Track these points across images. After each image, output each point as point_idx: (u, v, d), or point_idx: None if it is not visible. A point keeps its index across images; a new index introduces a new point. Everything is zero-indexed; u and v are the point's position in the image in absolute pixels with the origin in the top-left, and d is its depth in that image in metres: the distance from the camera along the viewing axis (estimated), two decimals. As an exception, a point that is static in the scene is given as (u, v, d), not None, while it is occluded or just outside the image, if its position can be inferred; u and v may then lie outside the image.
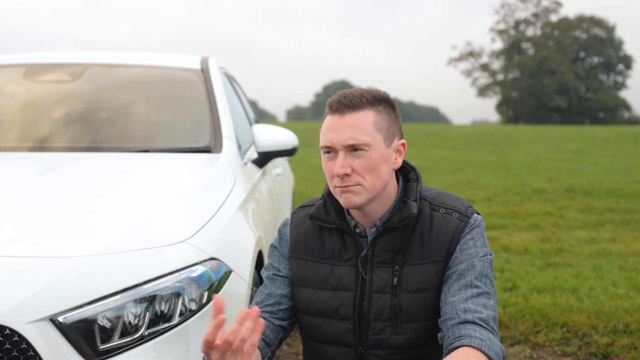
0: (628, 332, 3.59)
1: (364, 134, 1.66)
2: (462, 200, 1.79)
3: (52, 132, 2.96)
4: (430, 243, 1.72)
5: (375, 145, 1.67)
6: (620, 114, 65.21)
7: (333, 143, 1.68)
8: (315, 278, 1.79)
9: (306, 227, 1.85)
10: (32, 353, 1.60)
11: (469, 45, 69.27)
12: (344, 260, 1.78)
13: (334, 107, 1.69)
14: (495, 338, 1.61)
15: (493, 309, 1.66)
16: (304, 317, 1.83)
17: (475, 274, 1.68)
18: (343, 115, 1.67)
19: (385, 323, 1.72)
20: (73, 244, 1.79)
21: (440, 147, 21.82)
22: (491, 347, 1.56)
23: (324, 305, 1.77)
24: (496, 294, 1.71)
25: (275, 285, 1.85)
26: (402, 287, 1.72)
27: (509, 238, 6.28)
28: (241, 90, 4.31)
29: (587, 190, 9.90)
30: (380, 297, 1.73)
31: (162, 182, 2.33)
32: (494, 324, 1.64)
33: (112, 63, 3.40)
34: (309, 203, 1.91)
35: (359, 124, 1.66)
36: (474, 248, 1.71)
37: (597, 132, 29.74)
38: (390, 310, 1.72)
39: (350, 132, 1.66)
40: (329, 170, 1.71)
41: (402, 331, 1.72)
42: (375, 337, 1.73)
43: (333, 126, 1.68)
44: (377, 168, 1.68)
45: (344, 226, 1.78)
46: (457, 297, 1.66)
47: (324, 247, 1.81)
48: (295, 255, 1.84)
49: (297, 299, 1.83)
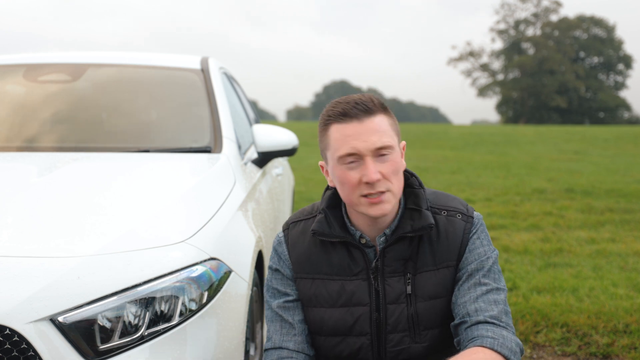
0: (628, 332, 3.59)
1: (389, 137, 1.64)
2: (457, 198, 1.79)
3: (52, 132, 2.96)
4: (441, 248, 1.71)
5: (395, 148, 1.66)
6: (620, 114, 65.17)
7: (359, 149, 1.62)
8: (326, 296, 1.74)
9: (307, 243, 1.78)
10: (32, 353, 1.60)
11: (469, 45, 69.28)
12: (354, 274, 1.73)
13: (350, 113, 1.63)
14: (509, 333, 1.61)
15: (504, 303, 1.67)
16: (316, 337, 1.77)
17: (484, 272, 1.69)
18: (362, 120, 1.63)
19: (403, 333, 1.71)
20: (73, 244, 1.79)
21: (440, 147, 21.82)
22: (504, 344, 1.57)
23: (338, 324, 1.72)
24: (505, 286, 1.71)
25: (291, 312, 1.78)
26: (418, 295, 1.70)
27: (509, 238, 6.28)
28: (241, 90, 4.31)
29: (587, 190, 9.90)
30: (396, 307, 1.70)
31: (162, 182, 2.33)
32: (506, 318, 1.64)
33: (112, 63, 3.40)
34: (301, 217, 1.83)
35: (381, 128, 1.64)
36: (482, 247, 1.72)
37: (597, 132, 29.73)
38: (408, 320, 1.70)
39: (376, 136, 1.62)
40: (351, 179, 1.64)
41: (421, 339, 1.71)
42: (394, 349, 1.71)
43: (354, 133, 1.62)
44: (399, 171, 1.67)
45: (349, 239, 1.73)
46: (467, 297, 1.66)
47: (330, 262, 1.74)
48: (301, 275, 1.77)
49: (308, 320, 1.77)
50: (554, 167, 14.56)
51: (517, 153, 19.37)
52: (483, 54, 67.42)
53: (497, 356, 1.54)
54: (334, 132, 1.66)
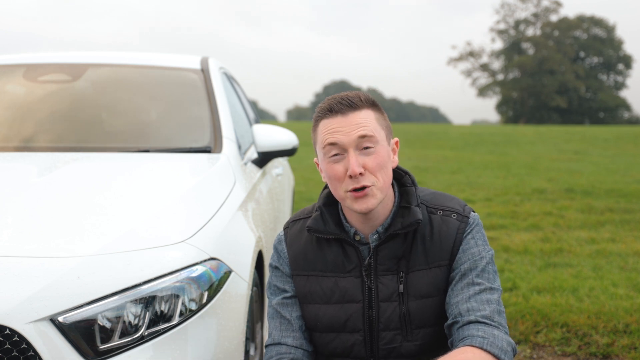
0: (628, 332, 3.59)
1: (373, 129, 1.66)
2: (456, 199, 1.79)
3: (52, 132, 2.96)
4: (434, 247, 1.71)
5: (382, 141, 1.67)
6: (620, 114, 65.17)
7: (341, 141, 1.64)
8: (320, 293, 1.76)
9: (303, 241, 1.81)
10: (32, 353, 1.60)
11: (469, 45, 69.33)
12: (347, 271, 1.75)
13: (335, 108, 1.67)
14: (500, 332, 1.60)
15: (497, 302, 1.66)
16: (312, 333, 1.80)
17: (477, 272, 1.68)
18: (346, 115, 1.66)
19: (395, 332, 1.71)
20: (73, 244, 1.79)
21: (440, 147, 21.82)
22: (494, 343, 1.56)
23: (332, 320, 1.75)
24: (500, 286, 1.71)
25: (289, 309, 1.81)
26: (410, 293, 1.71)
27: (509, 238, 6.28)
28: (241, 90, 4.31)
29: (587, 190, 9.90)
30: (388, 305, 1.71)
31: (162, 182, 2.33)
32: (499, 318, 1.63)
33: (112, 63, 3.40)
34: (301, 216, 1.86)
35: (365, 121, 1.66)
36: (476, 247, 1.71)
37: (597, 132, 29.73)
38: (400, 318, 1.71)
39: (359, 128, 1.65)
40: (336, 173, 1.66)
41: (413, 338, 1.71)
42: (387, 347, 1.72)
43: (338, 126, 1.66)
44: (386, 165, 1.67)
45: (344, 236, 1.74)
46: (460, 297, 1.66)
47: (325, 259, 1.77)
48: (297, 272, 1.80)
49: (304, 316, 1.80)
50: (554, 167, 14.56)
51: (517, 153, 19.37)
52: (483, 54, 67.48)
53: (487, 355, 1.54)
54: (321, 127, 1.69)
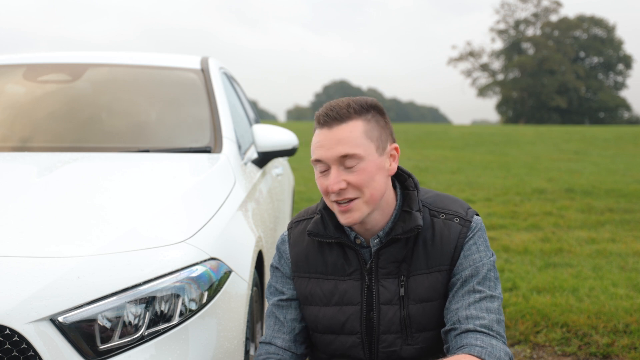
0: (628, 332, 3.59)
1: (355, 146, 1.63)
2: (460, 201, 1.77)
3: (52, 132, 2.96)
4: (435, 252, 1.70)
5: (368, 156, 1.64)
6: (620, 114, 65.17)
7: (324, 158, 1.64)
8: (320, 295, 1.77)
9: (305, 243, 1.81)
10: (32, 353, 1.60)
11: (469, 45, 69.34)
12: (347, 274, 1.75)
13: (322, 120, 1.66)
14: (499, 342, 1.60)
15: (497, 311, 1.65)
16: (313, 334, 1.82)
17: (479, 279, 1.67)
18: (331, 128, 1.64)
19: (396, 335, 1.71)
20: (73, 243, 1.79)
21: (440, 147, 21.82)
22: (492, 353, 1.56)
23: (330, 322, 1.75)
24: (501, 294, 1.70)
25: (283, 311, 1.83)
26: (410, 297, 1.70)
27: (509, 238, 6.28)
28: (241, 90, 4.31)
29: (587, 190, 9.90)
30: (389, 308, 1.71)
31: (162, 182, 2.33)
32: (498, 327, 1.62)
33: (112, 63, 3.40)
34: (304, 216, 1.86)
35: (349, 136, 1.63)
36: (477, 253, 1.70)
37: (597, 132, 29.73)
38: (400, 322, 1.70)
39: (340, 146, 1.62)
40: (322, 186, 1.68)
41: (413, 341, 1.71)
42: (387, 350, 1.72)
43: (322, 141, 1.65)
44: (372, 179, 1.64)
45: (344, 239, 1.74)
46: (460, 304, 1.65)
47: (325, 262, 1.77)
48: (298, 274, 1.81)
49: (305, 317, 1.82)
50: (554, 167, 14.56)
51: (517, 153, 19.37)
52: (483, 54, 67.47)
53: None
54: (314, 138, 1.70)
